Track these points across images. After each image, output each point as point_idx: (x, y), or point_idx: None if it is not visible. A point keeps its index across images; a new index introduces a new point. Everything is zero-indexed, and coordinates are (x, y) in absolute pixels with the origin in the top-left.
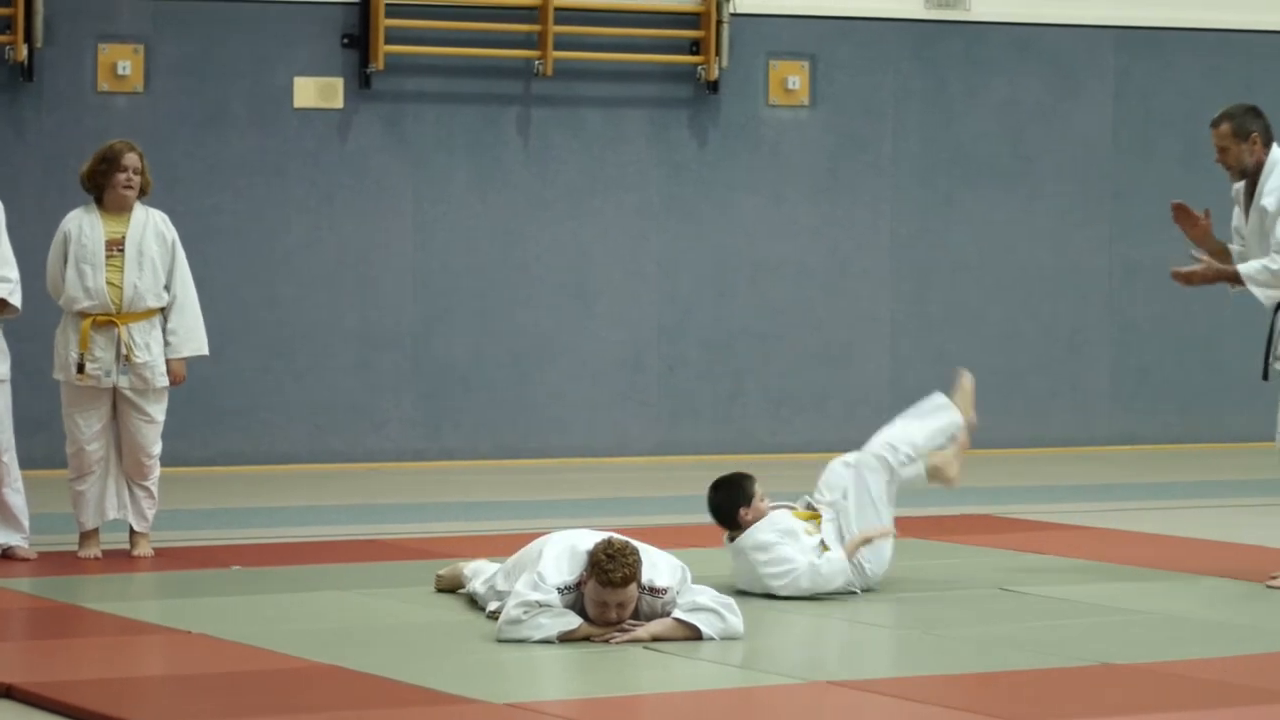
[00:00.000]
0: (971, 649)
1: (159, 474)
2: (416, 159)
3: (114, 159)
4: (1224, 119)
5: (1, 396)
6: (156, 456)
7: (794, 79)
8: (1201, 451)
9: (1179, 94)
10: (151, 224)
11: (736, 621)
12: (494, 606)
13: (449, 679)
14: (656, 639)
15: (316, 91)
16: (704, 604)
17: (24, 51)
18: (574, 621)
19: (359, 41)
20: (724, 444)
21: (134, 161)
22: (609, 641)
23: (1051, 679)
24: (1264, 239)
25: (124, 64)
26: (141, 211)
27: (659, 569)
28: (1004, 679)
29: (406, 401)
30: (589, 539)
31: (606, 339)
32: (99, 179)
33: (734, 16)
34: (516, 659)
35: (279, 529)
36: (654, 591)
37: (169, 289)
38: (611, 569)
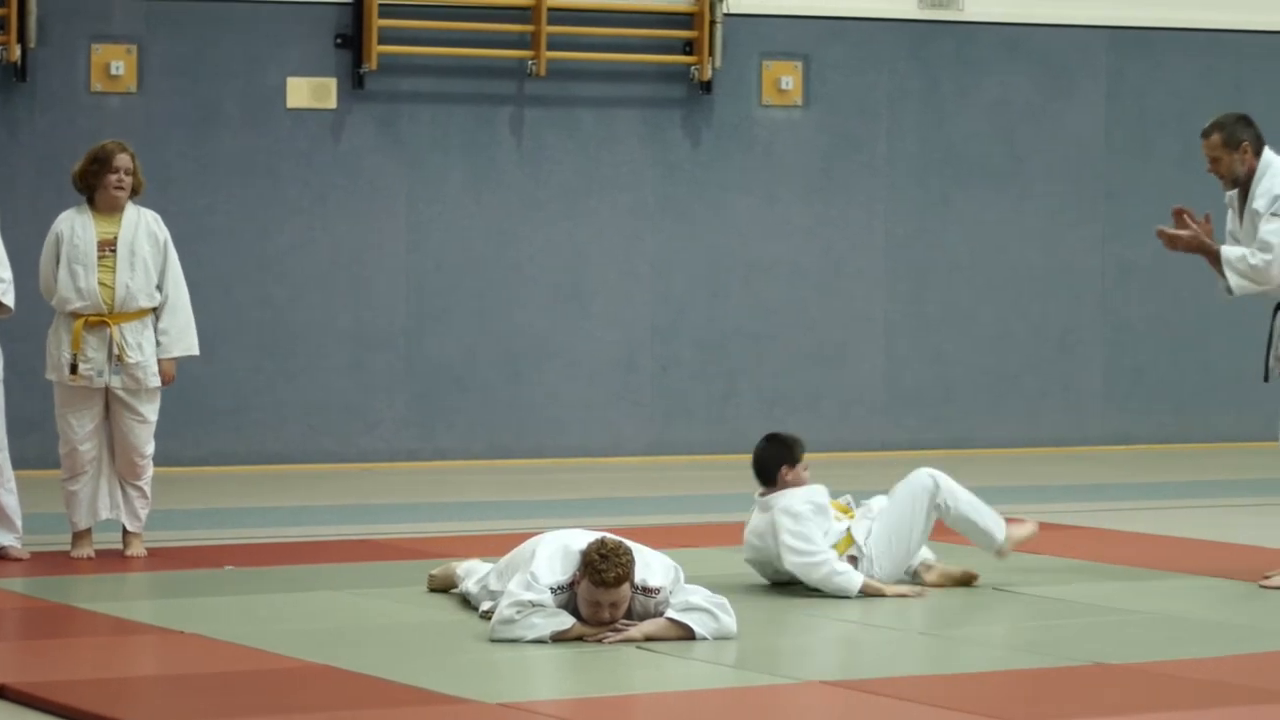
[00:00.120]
0: (965, 649)
1: (152, 474)
2: (410, 159)
3: (105, 159)
4: (1214, 129)
5: None
6: (149, 456)
7: (787, 79)
8: (1195, 451)
9: (1171, 94)
10: (143, 224)
11: (729, 621)
12: (487, 606)
13: (442, 679)
14: (649, 639)
15: (310, 92)
16: (697, 604)
17: (17, 51)
18: (567, 621)
19: (352, 42)
20: (717, 444)
21: (125, 162)
22: (602, 641)
23: (1045, 679)
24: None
25: (117, 64)
26: (133, 212)
27: (652, 569)
28: (997, 679)
29: (400, 401)
30: (582, 539)
31: (600, 339)
32: (91, 179)
33: (727, 16)
34: (509, 659)
35: (272, 529)
36: (647, 591)
37: (161, 289)
38: (605, 569)
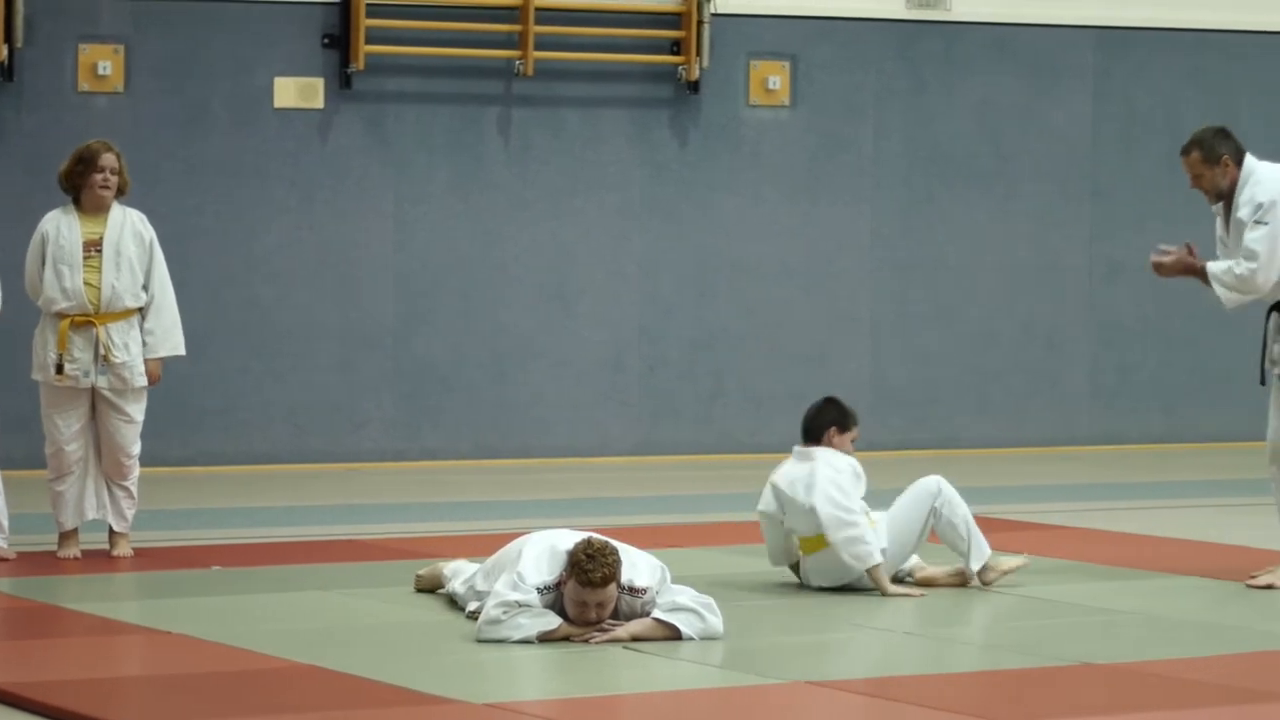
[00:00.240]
0: (951, 649)
1: (138, 474)
2: (397, 159)
3: (91, 159)
4: (1193, 146)
5: None
6: (136, 456)
7: (774, 79)
8: (1183, 451)
9: (1158, 93)
10: (129, 224)
11: (716, 621)
12: (473, 606)
13: (429, 679)
14: (636, 639)
15: (297, 92)
16: (684, 604)
17: (4, 51)
18: (553, 621)
19: (339, 41)
20: (704, 444)
21: (111, 161)
22: (588, 641)
23: (1032, 679)
24: None
25: (104, 64)
26: (119, 211)
27: (638, 569)
28: (984, 679)
29: (387, 401)
30: (568, 539)
31: (587, 339)
32: (76, 179)
33: (715, 16)
34: (496, 659)
35: (259, 529)
36: (633, 591)
37: (147, 289)
38: (591, 569)
